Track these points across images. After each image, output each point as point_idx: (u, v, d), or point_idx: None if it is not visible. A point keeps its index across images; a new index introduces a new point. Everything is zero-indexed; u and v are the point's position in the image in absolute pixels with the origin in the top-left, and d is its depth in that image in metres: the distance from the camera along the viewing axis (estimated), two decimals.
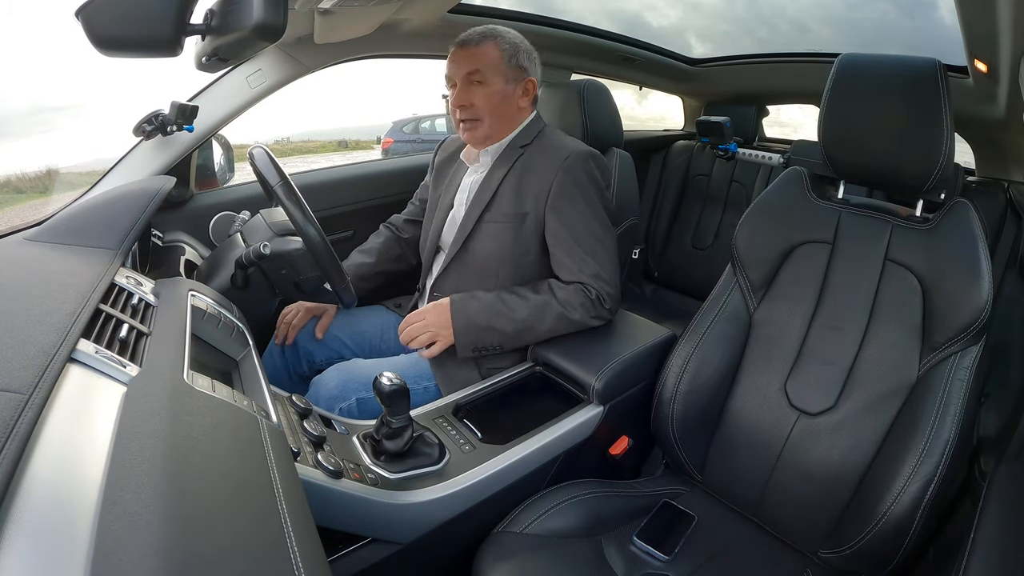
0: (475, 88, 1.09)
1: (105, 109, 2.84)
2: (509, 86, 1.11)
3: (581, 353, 1.07)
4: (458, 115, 1.12)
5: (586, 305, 1.06)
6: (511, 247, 1.11)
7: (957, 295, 0.85)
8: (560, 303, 1.06)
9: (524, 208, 1.10)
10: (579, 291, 1.07)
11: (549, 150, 1.12)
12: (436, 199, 1.26)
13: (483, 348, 1.05)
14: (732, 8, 3.61)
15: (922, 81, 0.86)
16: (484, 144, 1.16)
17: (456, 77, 1.10)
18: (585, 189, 1.08)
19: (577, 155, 1.09)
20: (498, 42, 1.10)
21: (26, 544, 0.32)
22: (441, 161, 1.30)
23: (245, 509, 0.41)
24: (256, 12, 0.61)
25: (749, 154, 2.16)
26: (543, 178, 1.08)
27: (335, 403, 0.98)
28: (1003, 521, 0.70)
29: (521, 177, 1.11)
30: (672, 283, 2.40)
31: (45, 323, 0.52)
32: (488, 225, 1.12)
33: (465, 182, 1.21)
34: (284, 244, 0.96)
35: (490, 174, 1.14)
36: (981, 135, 1.77)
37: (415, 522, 0.78)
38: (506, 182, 1.12)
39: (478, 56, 1.09)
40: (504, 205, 1.11)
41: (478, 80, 1.09)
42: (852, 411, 0.91)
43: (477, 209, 1.12)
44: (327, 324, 1.20)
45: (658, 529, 0.92)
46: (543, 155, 1.11)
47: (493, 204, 1.12)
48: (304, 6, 1.01)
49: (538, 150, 1.13)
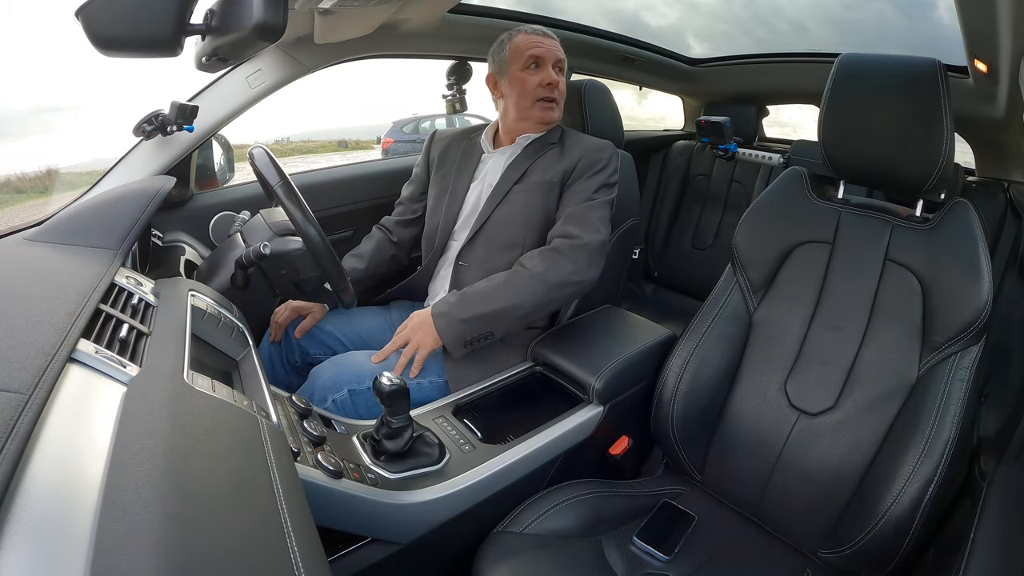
0: (559, 75, 1.19)
1: (105, 109, 2.84)
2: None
3: (581, 353, 1.07)
4: (544, 93, 1.17)
5: (557, 261, 1.07)
6: (537, 215, 1.16)
7: (957, 295, 0.85)
8: (529, 268, 1.07)
9: (554, 178, 1.17)
10: (548, 252, 1.08)
11: (575, 143, 1.21)
12: (446, 186, 1.27)
13: (473, 340, 1.05)
14: (730, 8, 3.61)
15: (922, 81, 0.86)
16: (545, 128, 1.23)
17: (548, 59, 1.18)
18: (603, 168, 1.16)
19: (600, 144, 1.20)
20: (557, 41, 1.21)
21: (26, 544, 0.32)
22: (440, 151, 1.32)
23: (245, 509, 0.41)
24: (256, 12, 0.61)
25: (749, 154, 2.16)
26: (571, 158, 1.17)
27: (328, 393, 0.99)
28: (1003, 521, 0.70)
29: (551, 160, 1.19)
30: (672, 283, 2.40)
31: (45, 323, 0.52)
32: (517, 194, 1.17)
33: (487, 165, 1.25)
34: (284, 244, 0.96)
35: (522, 156, 1.21)
36: (981, 135, 1.77)
37: (415, 522, 0.78)
38: (538, 160, 1.19)
39: (558, 49, 1.20)
40: (535, 176, 1.18)
41: (560, 68, 1.20)
42: (852, 411, 0.91)
43: (507, 183, 1.18)
44: (309, 326, 1.20)
45: (658, 529, 0.92)
46: (569, 146, 1.20)
47: (524, 177, 1.18)
48: (304, 6, 1.01)
49: (564, 144, 1.21)
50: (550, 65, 1.18)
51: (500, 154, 1.24)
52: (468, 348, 1.05)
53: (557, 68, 1.19)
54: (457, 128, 1.36)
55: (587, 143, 1.20)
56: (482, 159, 1.26)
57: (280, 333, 1.21)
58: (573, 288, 1.08)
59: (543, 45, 1.18)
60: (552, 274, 1.05)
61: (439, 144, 1.33)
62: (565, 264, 1.06)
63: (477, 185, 1.23)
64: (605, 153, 1.18)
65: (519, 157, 1.21)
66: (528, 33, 1.20)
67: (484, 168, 1.25)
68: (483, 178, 1.23)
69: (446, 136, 1.34)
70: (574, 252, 1.07)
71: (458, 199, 1.24)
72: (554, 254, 1.07)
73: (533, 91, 1.18)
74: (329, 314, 1.24)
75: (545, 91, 1.17)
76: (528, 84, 1.18)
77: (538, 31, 1.20)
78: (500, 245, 1.16)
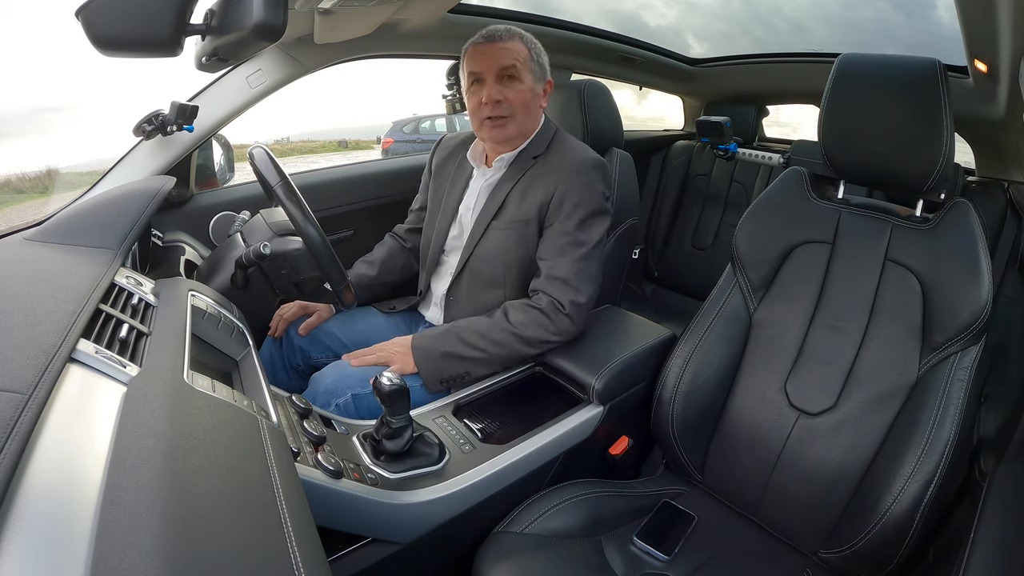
0: (509, 84, 1.07)
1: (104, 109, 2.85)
2: (537, 84, 1.10)
3: (581, 353, 1.07)
4: (487, 112, 1.07)
5: (540, 321, 1.04)
6: (516, 252, 1.11)
7: (957, 295, 0.85)
8: (512, 324, 1.04)
9: (528, 215, 1.10)
10: (532, 307, 1.05)
11: (558, 160, 1.11)
12: (439, 199, 1.25)
13: (449, 379, 1.04)
14: (728, 8, 3.63)
15: (922, 81, 0.86)
16: (510, 145, 1.14)
17: (487, 73, 1.06)
18: (582, 203, 1.07)
19: (581, 166, 1.09)
20: (523, 40, 1.09)
21: (26, 544, 0.32)
22: (440, 160, 1.30)
23: (245, 509, 0.41)
24: (256, 12, 0.61)
25: (749, 154, 2.16)
26: (547, 188, 1.09)
27: (331, 398, 0.99)
28: (1003, 521, 0.70)
29: (528, 185, 1.11)
30: (672, 283, 2.40)
31: (45, 323, 0.52)
32: (495, 232, 1.12)
33: (473, 186, 1.20)
34: (284, 244, 0.96)
35: (501, 183, 1.14)
36: (981, 135, 1.77)
37: (415, 522, 0.78)
38: (515, 190, 1.12)
39: (511, 51, 1.06)
40: (510, 212, 1.11)
41: (511, 75, 1.06)
42: (852, 411, 0.91)
43: (486, 217, 1.13)
44: (315, 324, 1.20)
45: (658, 529, 0.92)
46: (552, 165, 1.11)
47: (501, 212, 1.12)
48: (304, 6, 1.01)
49: (548, 160, 1.12)
50: (491, 77, 1.06)
51: (481, 175, 1.19)
52: (445, 385, 1.04)
53: (506, 76, 1.06)
54: (462, 135, 1.31)
55: (568, 162, 1.10)
56: (472, 174, 1.21)
57: (284, 328, 1.20)
58: (553, 345, 1.07)
59: (481, 56, 1.06)
60: (532, 333, 1.04)
61: (441, 152, 1.31)
62: (547, 325, 1.04)
63: (465, 203, 1.20)
64: (584, 177, 1.08)
65: (500, 182, 1.14)
66: (473, 45, 1.09)
67: (471, 186, 1.21)
68: (467, 200, 1.20)
69: (450, 144, 1.30)
70: (556, 315, 1.04)
71: (448, 216, 1.21)
72: (537, 314, 1.04)
73: (477, 111, 1.09)
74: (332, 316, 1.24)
75: (486, 109, 1.07)
76: (471, 104, 1.10)
77: (482, 38, 1.08)
78: (485, 283, 1.14)
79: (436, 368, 1.03)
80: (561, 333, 1.05)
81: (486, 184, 1.17)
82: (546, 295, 1.05)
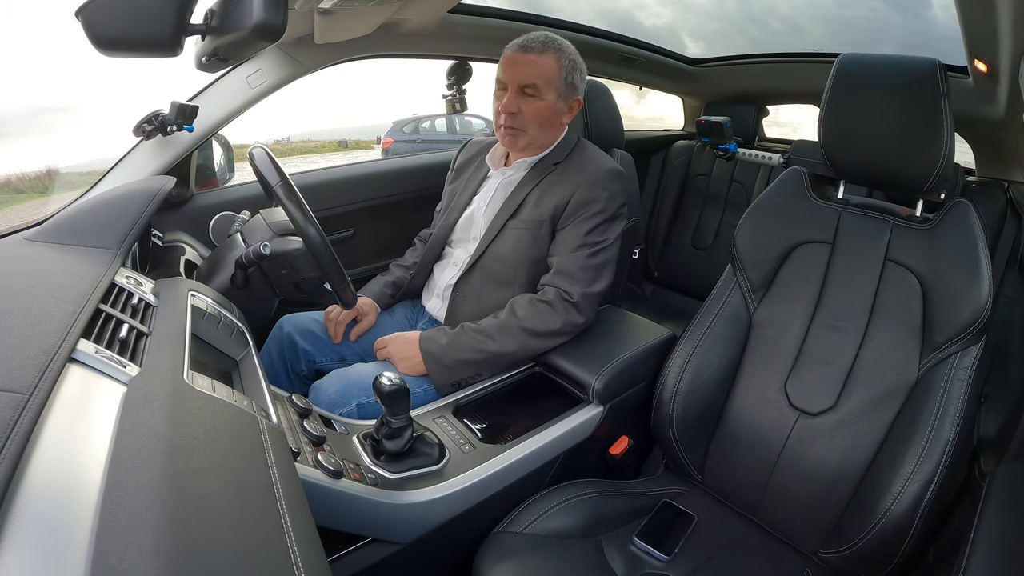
0: (527, 99, 1.08)
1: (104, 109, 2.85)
2: (559, 103, 1.10)
3: (581, 353, 1.07)
4: (502, 120, 1.09)
5: (547, 313, 1.05)
6: (528, 252, 1.12)
7: (957, 295, 0.85)
8: (520, 319, 1.05)
9: (543, 216, 1.11)
10: (539, 301, 1.06)
11: (577, 168, 1.13)
12: (452, 196, 1.27)
13: (460, 381, 1.05)
14: (722, 7, 3.62)
15: (922, 81, 0.86)
16: (522, 153, 1.16)
17: (510, 83, 1.07)
18: (599, 210, 1.09)
19: (601, 175, 1.11)
20: (559, 56, 1.08)
21: (26, 544, 0.32)
22: (463, 161, 1.32)
23: (245, 509, 0.41)
24: (256, 12, 0.61)
25: (749, 154, 2.16)
26: (564, 193, 1.10)
27: (335, 408, 0.97)
28: (1003, 521, 0.70)
29: (546, 190, 1.13)
30: (672, 283, 2.40)
31: (45, 323, 0.52)
32: (510, 231, 1.14)
33: (490, 183, 1.22)
34: (284, 244, 0.96)
35: (520, 185, 1.16)
36: (981, 135, 1.77)
37: (415, 522, 0.78)
38: (533, 192, 1.14)
39: (538, 68, 1.06)
40: (526, 212, 1.13)
41: (531, 93, 1.07)
42: (852, 411, 0.91)
43: (504, 216, 1.14)
44: (365, 328, 1.21)
45: (658, 529, 0.92)
46: (571, 172, 1.13)
47: (518, 212, 1.14)
48: (304, 6, 1.01)
49: (568, 167, 1.14)
50: (513, 88, 1.07)
51: (500, 175, 1.21)
52: (455, 387, 1.05)
53: (527, 92, 1.07)
54: (488, 139, 1.30)
55: (589, 172, 1.11)
56: (488, 175, 1.23)
57: (341, 332, 1.19)
58: (564, 337, 1.08)
59: (509, 66, 1.08)
60: (541, 326, 1.05)
61: (465, 153, 1.33)
62: (555, 318, 1.05)
63: (476, 201, 1.22)
64: (603, 191, 1.09)
65: (520, 183, 1.16)
66: (509, 51, 1.09)
67: (485, 186, 1.23)
68: (481, 196, 1.22)
69: (474, 147, 1.31)
70: (564, 306, 1.05)
71: (456, 212, 1.23)
72: (545, 307, 1.05)
73: (497, 116, 1.11)
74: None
75: (503, 118, 1.09)
76: (493, 107, 1.12)
77: (517, 47, 1.08)
78: (495, 281, 1.15)
79: (447, 375, 1.04)
80: (569, 323, 1.06)
81: (505, 181, 1.19)
82: (552, 287, 1.07)
